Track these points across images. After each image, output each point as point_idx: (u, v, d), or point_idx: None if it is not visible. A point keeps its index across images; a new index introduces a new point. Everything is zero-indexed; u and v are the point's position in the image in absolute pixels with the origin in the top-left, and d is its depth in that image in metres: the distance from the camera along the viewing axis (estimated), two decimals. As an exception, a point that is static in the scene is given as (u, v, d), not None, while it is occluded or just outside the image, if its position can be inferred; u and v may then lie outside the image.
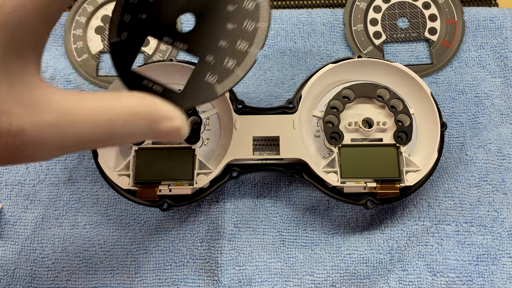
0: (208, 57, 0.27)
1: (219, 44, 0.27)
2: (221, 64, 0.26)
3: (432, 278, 0.34)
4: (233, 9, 0.27)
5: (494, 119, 0.39)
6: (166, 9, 0.28)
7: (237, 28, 0.27)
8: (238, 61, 0.26)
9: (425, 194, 0.37)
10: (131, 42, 0.28)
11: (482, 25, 0.41)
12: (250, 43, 0.26)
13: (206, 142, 0.36)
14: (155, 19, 0.28)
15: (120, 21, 0.28)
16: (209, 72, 0.26)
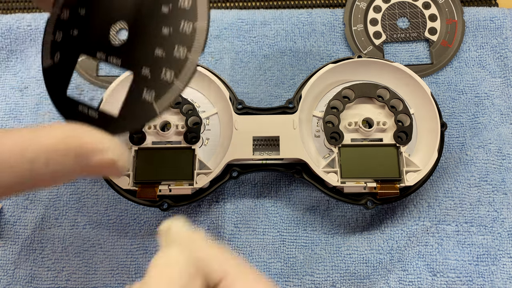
0: (144, 70, 0.23)
1: (155, 54, 0.23)
2: (158, 77, 0.23)
3: (432, 278, 0.34)
4: (168, 10, 0.24)
5: (494, 119, 0.38)
6: (97, 20, 0.25)
7: (174, 32, 0.23)
8: (177, 70, 0.23)
9: (425, 194, 0.37)
10: (64, 63, 0.25)
11: (482, 25, 0.41)
12: (189, 47, 0.23)
13: (206, 142, 0.36)
14: (87, 34, 0.25)
15: (53, 42, 0.26)
16: (145, 88, 0.23)
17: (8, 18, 0.41)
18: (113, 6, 0.25)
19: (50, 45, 0.26)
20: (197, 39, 0.23)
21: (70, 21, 0.25)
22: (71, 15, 0.25)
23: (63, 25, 0.26)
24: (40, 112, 0.39)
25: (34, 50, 0.41)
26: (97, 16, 0.25)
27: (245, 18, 0.42)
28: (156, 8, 0.24)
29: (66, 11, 0.26)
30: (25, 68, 0.41)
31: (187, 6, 0.23)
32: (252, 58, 0.41)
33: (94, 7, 0.25)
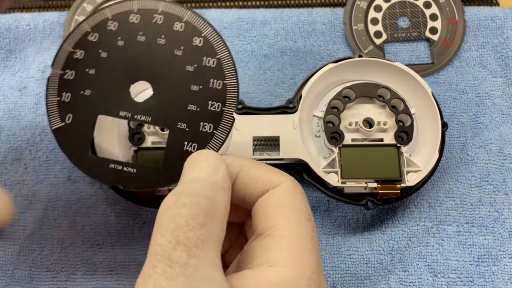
0: (180, 125, 0.24)
1: (189, 108, 0.24)
2: (197, 130, 0.24)
3: (433, 278, 0.34)
4: (193, 69, 0.25)
5: (495, 119, 0.38)
6: (112, 80, 0.25)
7: (204, 89, 0.25)
8: (215, 123, 0.24)
9: (426, 194, 0.36)
10: (79, 124, 0.25)
11: (483, 24, 0.41)
12: (223, 102, 0.24)
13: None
14: (103, 93, 0.25)
15: (60, 102, 0.25)
16: (186, 142, 0.24)
17: (7, 17, 0.41)
18: (130, 67, 0.25)
19: (57, 106, 0.25)
20: (230, 95, 0.25)
21: (78, 81, 0.25)
22: (78, 75, 0.25)
23: (70, 86, 0.25)
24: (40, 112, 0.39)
25: (33, 49, 0.41)
26: (112, 76, 0.25)
27: (245, 17, 0.42)
28: (180, 68, 0.25)
29: (71, 72, 0.25)
30: (24, 68, 0.41)
31: (212, 64, 0.25)
32: (252, 57, 0.41)
33: (106, 67, 0.25)
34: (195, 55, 0.25)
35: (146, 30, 0.25)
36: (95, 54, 0.25)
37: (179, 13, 0.25)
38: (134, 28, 0.25)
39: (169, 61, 0.25)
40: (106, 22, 0.26)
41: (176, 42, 0.25)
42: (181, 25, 0.25)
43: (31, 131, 0.39)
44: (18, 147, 0.38)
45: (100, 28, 0.26)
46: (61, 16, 0.42)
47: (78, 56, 0.25)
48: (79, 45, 0.25)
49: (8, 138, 0.38)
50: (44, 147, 0.38)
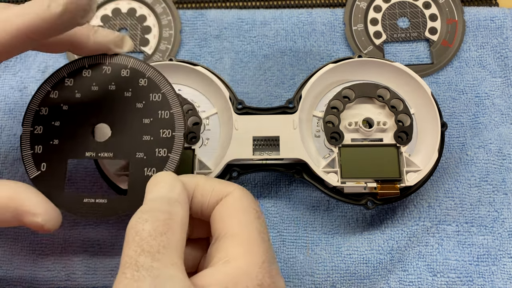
0: (138, 155, 0.28)
1: (144, 139, 0.28)
2: (153, 156, 0.28)
3: (433, 278, 0.34)
4: (142, 105, 0.29)
5: (495, 119, 0.38)
6: (75, 128, 0.29)
7: (154, 120, 0.29)
8: (168, 147, 0.28)
9: (426, 194, 0.36)
10: (53, 170, 0.28)
11: (482, 25, 0.41)
12: (172, 128, 0.28)
13: (206, 142, 0.35)
14: (69, 140, 0.29)
15: (34, 154, 0.29)
16: (145, 168, 0.28)
17: (8, 17, 0.41)
18: (89, 114, 0.29)
19: (32, 158, 0.29)
20: (177, 121, 0.28)
21: (46, 134, 0.29)
22: (46, 129, 0.29)
23: (39, 139, 0.29)
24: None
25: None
26: (74, 125, 0.29)
27: (245, 18, 0.42)
28: (131, 106, 0.29)
29: (39, 127, 0.29)
30: (25, 68, 0.41)
31: (158, 99, 0.29)
32: (252, 58, 0.41)
33: (68, 118, 0.29)
34: (142, 94, 0.29)
35: (98, 80, 0.30)
36: (56, 108, 0.29)
37: (125, 62, 0.30)
38: (87, 81, 0.30)
39: (121, 103, 0.29)
40: (63, 80, 0.30)
41: (125, 85, 0.29)
42: (126, 71, 0.30)
43: (31, 131, 0.39)
44: (19, 147, 0.38)
45: (59, 85, 0.30)
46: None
47: (43, 112, 0.29)
48: (43, 103, 0.29)
49: (9, 138, 0.39)
50: (45, 147, 0.38)
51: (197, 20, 0.42)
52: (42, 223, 0.25)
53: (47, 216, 0.26)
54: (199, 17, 0.42)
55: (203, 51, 0.41)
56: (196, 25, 0.42)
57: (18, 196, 0.25)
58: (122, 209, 0.28)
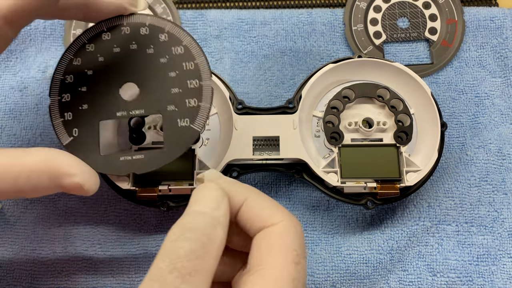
0: (169, 107, 0.29)
1: (173, 92, 0.29)
2: (184, 107, 0.28)
3: (432, 278, 0.34)
4: (166, 60, 0.29)
5: (495, 119, 0.38)
6: (103, 89, 0.29)
7: (180, 72, 0.29)
8: (198, 96, 0.29)
9: (426, 194, 0.37)
10: (86, 134, 0.29)
11: (482, 25, 0.41)
12: (199, 77, 0.29)
13: (206, 142, 0.35)
14: (98, 103, 0.29)
15: (64, 122, 0.29)
16: (178, 119, 0.28)
17: (8, 18, 0.41)
18: (114, 75, 0.29)
19: (62, 125, 0.29)
20: (203, 70, 0.29)
21: (74, 101, 0.29)
22: (73, 95, 0.29)
23: (68, 106, 0.29)
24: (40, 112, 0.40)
25: (34, 50, 0.41)
26: (101, 88, 0.29)
27: (245, 18, 0.42)
28: (156, 62, 0.29)
29: (66, 95, 0.29)
30: (25, 68, 0.41)
31: (181, 51, 0.29)
32: (252, 58, 0.41)
33: (94, 82, 0.29)
34: (164, 49, 0.30)
35: (118, 41, 0.30)
36: (81, 74, 0.30)
37: (142, 20, 0.30)
38: (108, 44, 0.30)
39: (145, 60, 0.29)
40: (84, 46, 0.30)
41: (146, 42, 0.30)
42: (145, 29, 0.30)
43: (32, 131, 0.39)
44: (19, 147, 0.38)
45: (81, 52, 0.30)
46: (61, 17, 0.42)
47: (69, 80, 0.30)
48: (67, 71, 0.30)
49: (9, 138, 0.39)
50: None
51: (197, 20, 0.42)
52: (81, 183, 0.25)
53: (86, 176, 0.25)
54: (199, 17, 0.42)
55: (203, 51, 0.41)
56: (196, 25, 0.42)
57: (53, 159, 0.25)
58: (160, 162, 0.28)
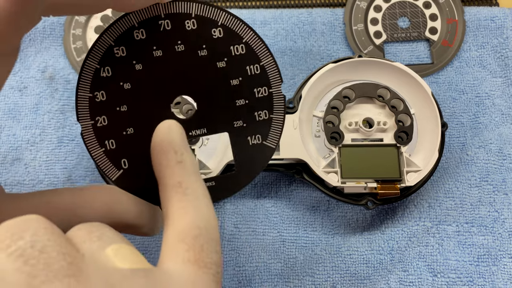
0: (236, 123, 0.24)
1: (238, 104, 0.24)
2: (254, 121, 0.24)
3: (433, 278, 0.34)
4: (225, 63, 0.24)
5: (495, 119, 0.38)
6: (152, 109, 0.24)
7: (244, 80, 0.24)
8: (268, 108, 0.24)
9: (426, 194, 0.36)
10: (138, 164, 0.23)
11: (483, 24, 0.41)
12: (268, 85, 0.24)
13: (206, 142, 0.35)
14: (146, 125, 0.23)
15: (106, 152, 0.24)
16: (248, 137, 0.24)
17: (7, 17, 0.41)
18: (163, 89, 0.24)
19: (105, 156, 0.23)
20: (271, 74, 0.24)
21: (114, 124, 0.23)
22: (111, 117, 0.23)
23: (108, 131, 0.23)
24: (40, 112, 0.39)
25: (34, 49, 0.41)
26: (147, 104, 0.24)
27: (245, 17, 0.42)
28: (212, 67, 0.24)
29: (102, 117, 0.23)
30: (25, 68, 0.41)
31: (242, 51, 0.24)
32: (252, 57, 0.41)
33: (137, 99, 0.24)
34: (221, 49, 0.24)
35: (157, 42, 0.24)
36: (117, 89, 0.24)
37: (187, 10, 0.24)
38: (143, 45, 0.23)
39: (198, 65, 0.24)
40: (111, 51, 0.23)
41: (196, 40, 0.24)
42: (192, 22, 0.24)
43: (31, 131, 0.39)
44: (19, 147, 0.38)
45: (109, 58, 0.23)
46: (61, 16, 0.42)
47: (100, 98, 0.24)
48: (96, 87, 0.23)
49: (8, 138, 0.38)
50: (45, 147, 0.38)
51: (197, 20, 0.42)
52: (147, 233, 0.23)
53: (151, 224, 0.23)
54: (199, 17, 0.42)
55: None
56: (196, 25, 0.42)
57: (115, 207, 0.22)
58: (233, 188, 0.24)
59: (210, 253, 0.19)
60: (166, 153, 0.21)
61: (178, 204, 0.20)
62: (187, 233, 0.19)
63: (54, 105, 0.39)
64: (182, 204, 0.20)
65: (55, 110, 0.39)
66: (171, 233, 0.20)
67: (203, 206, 0.20)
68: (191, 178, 0.21)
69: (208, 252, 0.19)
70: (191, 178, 0.21)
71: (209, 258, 0.19)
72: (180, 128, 0.22)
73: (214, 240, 0.20)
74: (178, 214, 0.20)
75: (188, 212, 0.20)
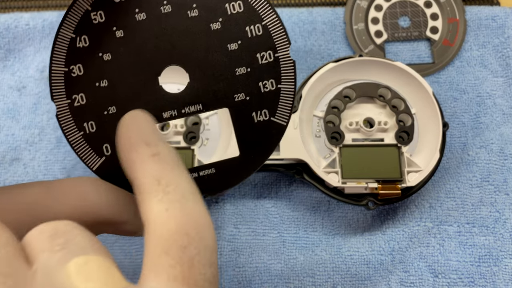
0: (237, 96, 0.21)
1: (238, 73, 0.20)
2: (259, 93, 0.21)
3: (434, 279, 0.34)
4: (220, 25, 0.21)
5: (496, 119, 0.38)
6: (138, 82, 0.20)
7: (244, 43, 0.21)
8: (275, 75, 0.20)
9: (427, 194, 0.36)
10: None
11: (484, 24, 0.41)
12: (273, 49, 0.21)
13: (205, 142, 0.35)
14: (131, 103, 0.20)
15: (86, 136, 0.21)
16: (253, 112, 0.21)
17: (6, 17, 0.41)
18: (147, 60, 0.20)
19: (84, 141, 0.21)
20: (276, 35, 0.21)
21: (93, 102, 0.20)
22: (90, 95, 0.20)
23: (86, 111, 0.21)
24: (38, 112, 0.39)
25: (32, 49, 0.41)
26: (131, 77, 0.20)
27: (245, 17, 0.42)
28: (206, 30, 0.21)
29: (79, 95, 0.20)
30: (23, 68, 0.40)
31: (239, 9, 0.21)
32: (252, 57, 0.41)
33: (119, 72, 0.20)
34: (215, 8, 0.21)
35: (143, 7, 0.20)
36: (96, 61, 0.21)
37: None
38: (125, 8, 0.20)
39: (189, 29, 0.20)
40: (88, 18, 0.20)
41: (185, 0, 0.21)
42: None
43: (30, 131, 0.38)
44: (17, 147, 0.38)
45: (86, 26, 0.20)
46: (60, 16, 0.41)
47: (77, 72, 0.21)
48: (72, 59, 0.21)
49: (7, 138, 0.38)
50: (43, 147, 0.38)
51: (196, 19, 0.42)
52: (135, 230, 0.20)
53: (136, 220, 0.20)
54: (199, 16, 0.42)
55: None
56: (196, 24, 0.42)
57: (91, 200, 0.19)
58: (238, 176, 0.21)
59: (203, 267, 0.15)
60: (136, 148, 0.17)
61: (158, 205, 0.16)
62: (172, 243, 0.15)
63: (53, 105, 0.39)
64: (164, 206, 0.16)
65: (54, 110, 0.39)
66: (152, 243, 0.16)
67: (191, 205, 0.17)
68: (172, 173, 0.17)
69: (200, 267, 0.15)
70: (172, 172, 0.17)
71: (201, 275, 0.15)
72: (148, 116, 0.19)
73: (208, 248, 0.16)
74: (160, 219, 0.16)
75: (173, 215, 0.16)
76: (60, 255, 0.14)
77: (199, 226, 0.16)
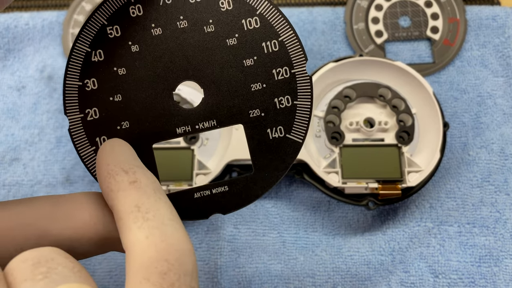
0: (253, 113, 0.21)
1: (254, 89, 0.20)
2: (274, 109, 0.20)
3: (434, 279, 0.34)
4: (236, 40, 0.21)
5: (497, 119, 0.38)
6: (151, 98, 0.20)
7: (259, 59, 0.21)
8: (290, 91, 0.20)
9: (427, 194, 0.36)
10: None
11: (484, 24, 0.41)
12: (289, 65, 0.21)
13: (205, 142, 0.35)
14: (144, 118, 0.20)
15: None
16: (268, 129, 0.21)
17: (6, 17, 0.41)
18: (162, 75, 0.21)
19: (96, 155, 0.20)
20: (293, 51, 0.21)
21: (106, 117, 0.20)
22: (103, 109, 0.20)
23: (99, 125, 0.20)
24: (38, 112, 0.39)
25: (32, 49, 0.41)
26: (144, 92, 0.20)
27: (245, 16, 0.42)
28: (221, 45, 0.21)
29: (92, 110, 0.20)
30: (23, 67, 0.40)
31: (255, 25, 0.21)
32: (252, 57, 0.41)
33: (133, 86, 0.20)
34: (231, 24, 0.21)
35: (156, 21, 0.20)
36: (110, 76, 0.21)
37: None
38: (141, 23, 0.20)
39: (204, 45, 0.21)
40: (104, 32, 0.20)
41: (201, 16, 0.21)
42: None
43: (29, 131, 0.38)
44: (17, 147, 0.38)
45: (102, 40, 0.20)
46: (60, 15, 0.41)
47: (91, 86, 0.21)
48: (86, 73, 0.20)
49: (7, 138, 0.38)
50: (43, 147, 0.38)
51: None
52: None
53: None
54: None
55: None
56: (196, 24, 0.42)
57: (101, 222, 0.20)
58: (252, 193, 0.21)
59: None
60: (114, 176, 0.18)
61: (138, 233, 0.17)
62: (152, 270, 0.16)
63: (53, 104, 0.39)
64: (143, 233, 0.17)
65: (54, 110, 0.39)
66: (133, 270, 0.16)
67: (171, 231, 0.17)
68: (151, 199, 0.17)
69: None
70: (151, 198, 0.17)
71: None
72: (126, 144, 0.20)
73: (188, 274, 0.16)
74: (140, 246, 0.16)
75: (152, 242, 0.16)
76: (42, 284, 0.14)
77: (179, 252, 0.17)
